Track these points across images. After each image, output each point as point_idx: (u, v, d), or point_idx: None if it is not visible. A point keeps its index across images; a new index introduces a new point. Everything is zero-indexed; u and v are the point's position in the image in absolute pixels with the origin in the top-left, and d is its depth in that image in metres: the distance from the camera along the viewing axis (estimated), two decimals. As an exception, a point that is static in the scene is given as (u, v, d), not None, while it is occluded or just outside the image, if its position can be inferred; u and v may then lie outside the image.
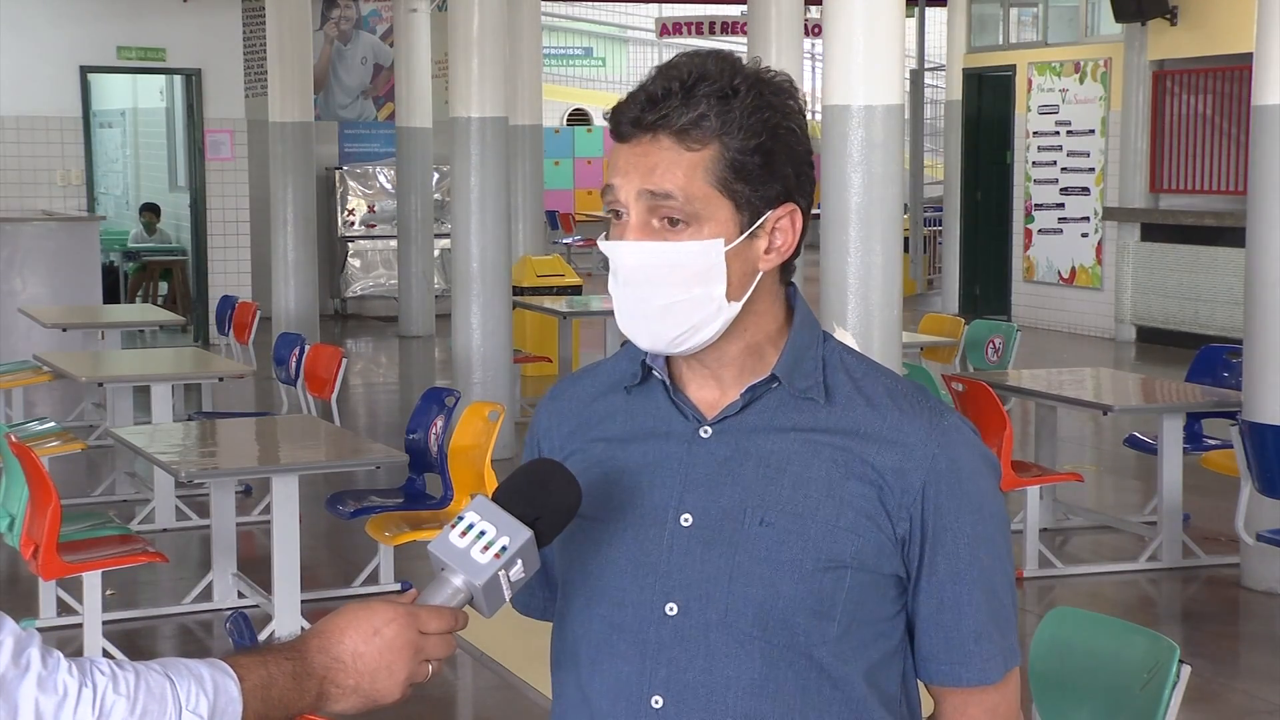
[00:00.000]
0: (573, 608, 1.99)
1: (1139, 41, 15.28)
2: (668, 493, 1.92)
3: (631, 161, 1.87)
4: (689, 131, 1.84)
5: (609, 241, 1.90)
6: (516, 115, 13.62)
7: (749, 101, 1.85)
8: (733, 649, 1.88)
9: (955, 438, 1.92)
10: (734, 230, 1.87)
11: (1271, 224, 7.11)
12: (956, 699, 1.96)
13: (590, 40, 32.10)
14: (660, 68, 1.89)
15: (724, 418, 1.93)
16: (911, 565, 1.92)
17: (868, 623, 1.91)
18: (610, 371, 2.03)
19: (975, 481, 1.92)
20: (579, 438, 2.00)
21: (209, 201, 15.84)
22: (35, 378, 9.77)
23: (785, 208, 1.90)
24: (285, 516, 6.41)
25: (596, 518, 1.95)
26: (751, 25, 11.18)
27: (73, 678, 1.68)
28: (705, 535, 1.90)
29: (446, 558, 1.81)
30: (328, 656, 1.78)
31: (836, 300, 6.51)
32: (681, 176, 1.85)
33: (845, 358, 1.96)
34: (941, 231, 18.90)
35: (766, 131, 1.86)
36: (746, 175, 1.86)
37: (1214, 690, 6.11)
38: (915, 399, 1.93)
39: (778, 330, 1.94)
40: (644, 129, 1.86)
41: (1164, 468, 7.64)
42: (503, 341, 10.09)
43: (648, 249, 1.86)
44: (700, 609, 1.89)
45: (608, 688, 1.93)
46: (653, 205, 1.86)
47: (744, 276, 1.89)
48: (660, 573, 1.91)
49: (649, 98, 1.86)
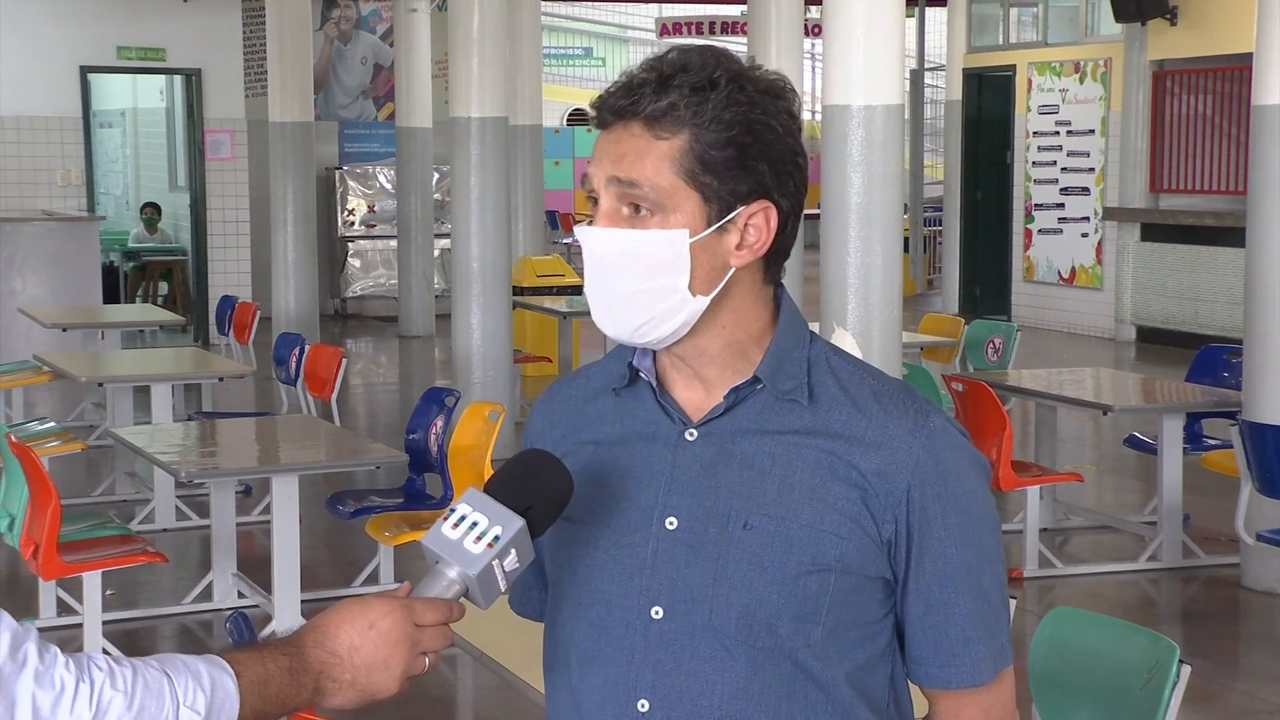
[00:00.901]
0: (562, 611, 1.98)
1: (1139, 41, 15.28)
2: (653, 496, 1.92)
3: (605, 148, 1.88)
4: (658, 120, 1.84)
5: (582, 227, 1.90)
6: (516, 115, 13.61)
7: (725, 94, 1.84)
8: (717, 653, 1.88)
9: (940, 439, 1.90)
10: (700, 223, 1.86)
11: (1271, 224, 7.11)
12: (949, 701, 1.96)
13: (590, 40, 32.10)
14: (648, 59, 1.89)
15: (708, 420, 1.92)
16: (899, 568, 1.91)
17: (853, 626, 1.90)
18: (601, 373, 2.03)
19: (961, 482, 1.91)
20: (570, 440, 1.99)
21: (209, 201, 15.84)
22: (35, 378, 9.77)
23: (759, 204, 1.87)
24: (285, 516, 6.41)
25: (584, 521, 1.95)
26: (751, 25, 11.17)
27: (70, 673, 1.69)
28: (690, 538, 1.89)
29: (440, 550, 1.81)
30: (324, 651, 1.79)
31: (836, 300, 6.51)
32: (648, 165, 1.84)
33: (831, 359, 1.95)
34: (941, 231, 18.90)
35: (740, 125, 1.84)
36: (715, 168, 1.84)
37: (1214, 690, 6.10)
38: (901, 400, 1.92)
39: (762, 330, 1.93)
40: (618, 115, 1.86)
41: (1164, 468, 7.64)
42: (503, 341, 10.09)
43: (613, 235, 1.86)
44: (685, 613, 1.88)
45: (596, 690, 1.93)
46: (621, 192, 1.86)
47: (712, 271, 1.87)
48: (645, 576, 1.91)
49: (626, 87, 1.86)
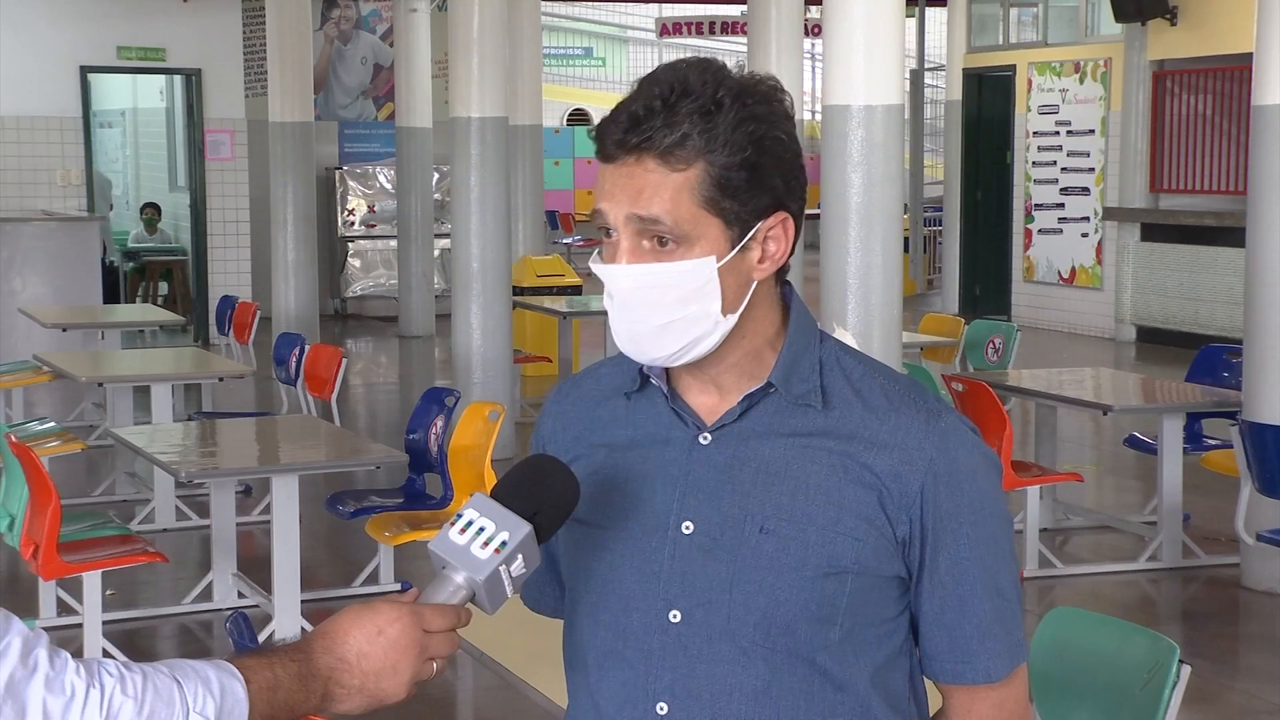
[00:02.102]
0: (579, 613, 2.00)
1: (1139, 41, 15.28)
2: (669, 500, 1.92)
3: (618, 184, 1.85)
4: (673, 152, 1.82)
5: (602, 265, 1.88)
6: (516, 115, 13.61)
7: (732, 116, 1.83)
8: (735, 656, 1.89)
9: (953, 438, 1.92)
10: (725, 246, 1.86)
11: (1271, 224, 7.11)
12: (963, 696, 1.97)
13: (590, 40, 32.08)
14: (641, 82, 1.86)
15: (723, 424, 1.92)
16: (913, 566, 1.92)
17: (870, 625, 1.91)
18: (612, 374, 2.03)
19: (975, 481, 1.92)
20: (582, 443, 1.99)
21: (209, 201, 15.84)
22: (35, 378, 9.77)
23: (776, 216, 1.88)
24: (285, 516, 6.42)
25: (600, 524, 1.95)
26: (751, 25, 11.17)
27: (80, 679, 1.69)
28: (706, 543, 1.90)
29: (447, 555, 1.82)
30: (332, 657, 1.79)
31: (836, 300, 6.51)
32: (668, 200, 1.83)
33: (843, 359, 1.95)
34: (941, 231, 18.89)
35: (752, 145, 1.83)
36: (734, 191, 1.84)
37: (1214, 690, 6.11)
38: (913, 399, 1.93)
39: (775, 333, 1.94)
40: (628, 150, 1.84)
41: (1164, 468, 7.64)
42: (503, 341, 10.09)
43: (641, 271, 1.85)
44: (703, 616, 1.89)
45: (614, 693, 1.94)
46: (642, 229, 1.84)
47: (739, 289, 1.88)
48: (663, 580, 1.91)
49: (631, 118, 1.83)
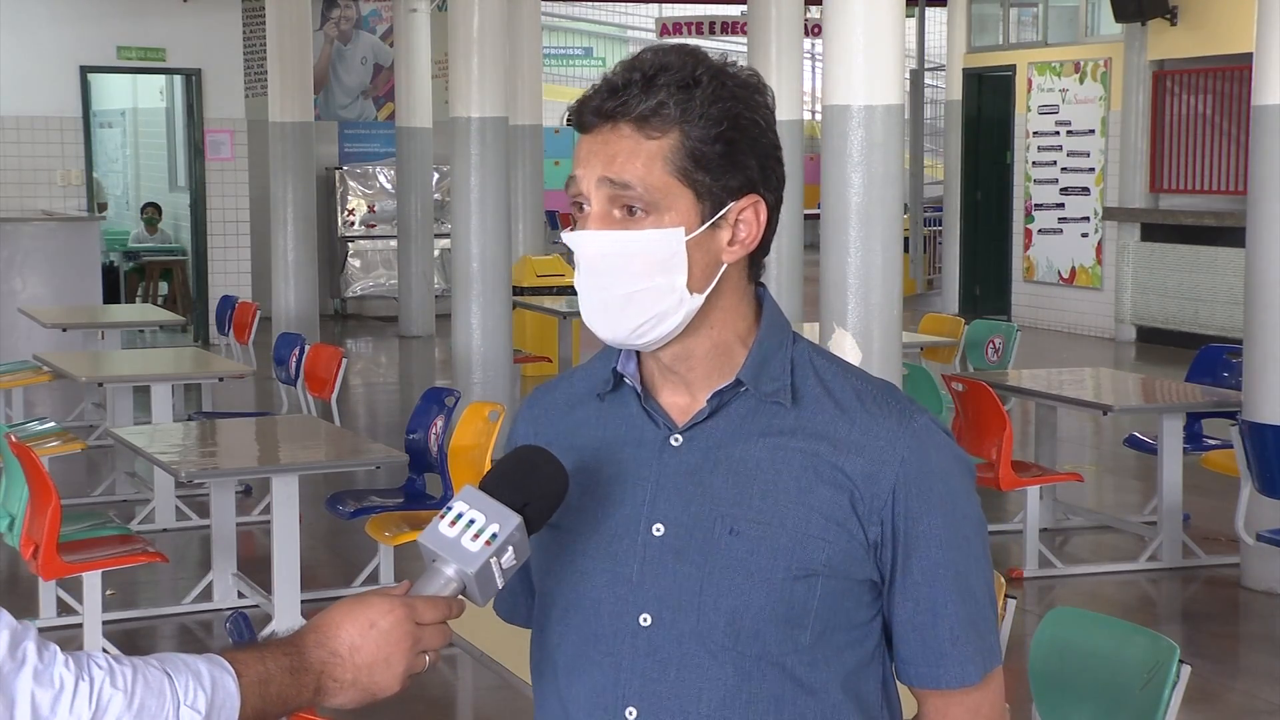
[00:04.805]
0: (550, 618, 1.98)
1: (1139, 41, 15.28)
2: (639, 502, 1.91)
3: (592, 150, 1.87)
4: (649, 119, 1.84)
5: (573, 232, 1.89)
6: (516, 115, 13.61)
7: (710, 91, 1.84)
8: (705, 660, 1.87)
9: (925, 440, 1.90)
10: (695, 220, 1.86)
11: (1271, 224, 7.11)
12: (937, 701, 1.95)
13: (590, 40, 32.07)
14: (624, 60, 1.89)
15: (692, 425, 1.91)
16: (885, 569, 1.90)
17: (841, 629, 1.90)
18: (585, 378, 2.02)
19: (946, 483, 1.90)
20: (556, 447, 1.97)
21: (209, 201, 15.84)
22: (35, 378, 9.77)
23: (748, 199, 1.88)
24: (285, 516, 6.41)
25: (571, 528, 1.94)
26: (751, 25, 11.18)
27: (69, 671, 1.68)
28: (677, 545, 1.89)
29: (437, 548, 1.81)
30: (325, 651, 1.79)
31: (836, 300, 6.51)
32: (641, 166, 1.84)
33: (815, 359, 1.94)
34: (941, 231, 18.89)
35: (728, 121, 1.85)
36: (707, 164, 1.85)
37: (1214, 690, 6.10)
38: (884, 400, 1.91)
39: (746, 330, 1.93)
40: (604, 117, 1.86)
41: (1164, 468, 7.64)
42: (503, 341, 10.08)
43: (608, 238, 1.86)
44: (672, 620, 1.88)
45: (584, 697, 1.93)
46: (613, 194, 1.85)
47: (706, 268, 1.87)
48: (633, 583, 1.90)
49: (610, 87, 1.86)
